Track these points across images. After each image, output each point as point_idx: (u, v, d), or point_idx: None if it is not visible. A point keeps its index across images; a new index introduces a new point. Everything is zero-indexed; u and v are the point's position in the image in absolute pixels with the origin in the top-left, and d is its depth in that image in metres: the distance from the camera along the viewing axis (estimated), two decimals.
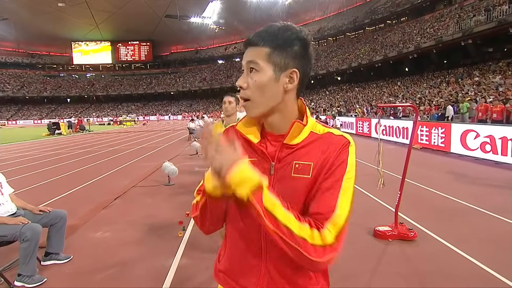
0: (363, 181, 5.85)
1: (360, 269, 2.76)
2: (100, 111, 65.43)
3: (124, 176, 7.07)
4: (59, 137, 20.69)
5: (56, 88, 67.52)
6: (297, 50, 0.81)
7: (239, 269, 0.90)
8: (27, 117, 61.59)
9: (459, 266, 2.78)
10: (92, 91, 68.64)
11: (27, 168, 8.60)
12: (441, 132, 9.37)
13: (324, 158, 0.83)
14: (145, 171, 7.52)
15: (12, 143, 16.89)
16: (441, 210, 4.25)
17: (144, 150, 12.18)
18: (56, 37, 67.85)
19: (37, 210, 2.95)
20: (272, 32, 0.81)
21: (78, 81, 71.65)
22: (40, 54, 72.83)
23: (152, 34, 70.25)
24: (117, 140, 17.45)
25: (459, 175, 6.32)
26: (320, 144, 0.84)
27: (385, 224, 3.53)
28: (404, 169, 3.43)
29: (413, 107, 3.62)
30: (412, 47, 27.30)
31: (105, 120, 50.06)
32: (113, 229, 3.86)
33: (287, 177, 0.82)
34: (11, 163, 9.45)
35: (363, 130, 15.50)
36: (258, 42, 0.82)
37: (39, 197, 5.24)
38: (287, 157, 0.84)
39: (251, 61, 0.82)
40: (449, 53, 24.85)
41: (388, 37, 36.15)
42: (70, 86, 68.92)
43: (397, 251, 3.08)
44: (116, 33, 71.03)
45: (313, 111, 30.17)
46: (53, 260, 2.98)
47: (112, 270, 2.84)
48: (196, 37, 70.15)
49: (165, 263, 2.94)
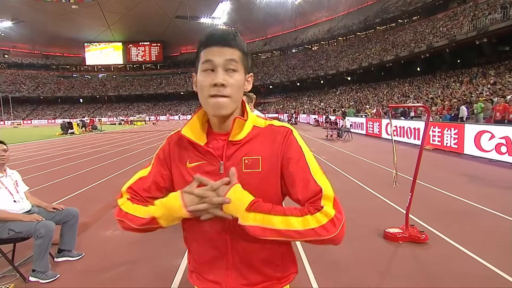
0: (372, 182, 5.79)
1: (369, 271, 2.72)
2: (112, 111, 66.52)
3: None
4: (72, 137, 21.12)
5: (69, 88, 69.05)
6: (249, 58, 0.90)
7: (208, 265, 0.93)
8: (42, 116, 63.13)
9: (472, 269, 2.71)
10: (104, 91, 69.90)
11: (41, 166, 8.80)
12: (454, 133, 9.18)
13: (274, 150, 0.87)
14: None
15: (26, 142, 17.32)
16: (453, 212, 4.16)
17: (154, 149, 12.28)
18: (69, 39, 69.45)
19: (51, 207, 3.01)
20: (238, 38, 0.86)
21: (90, 81, 73.14)
22: (54, 55, 74.73)
23: (163, 35, 71.10)
24: (127, 139, 17.71)
25: (472, 177, 6.18)
26: (265, 137, 0.89)
27: (395, 226, 3.48)
28: (416, 170, 3.37)
29: (424, 108, 3.56)
30: (424, 47, 26.85)
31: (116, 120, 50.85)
32: None
33: (239, 174, 0.84)
34: (26, 162, 9.69)
35: (374, 131, 15.31)
36: (232, 43, 0.84)
37: (52, 195, 5.36)
38: (235, 154, 0.87)
39: (232, 59, 0.83)
40: (463, 52, 24.34)
41: (399, 36, 35.65)
42: (82, 87, 70.37)
43: (408, 254, 3.03)
44: (127, 34, 72.16)
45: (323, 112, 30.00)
46: (65, 257, 3.04)
47: (121, 269, 2.88)
48: None
49: (174, 262, 2.96)
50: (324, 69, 46.40)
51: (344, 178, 6.41)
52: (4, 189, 2.79)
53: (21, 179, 3.06)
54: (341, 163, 7.93)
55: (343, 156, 9.36)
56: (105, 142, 16.45)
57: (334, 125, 16.80)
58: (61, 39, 68.56)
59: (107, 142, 16.11)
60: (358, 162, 8.27)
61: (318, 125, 24.54)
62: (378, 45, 38.79)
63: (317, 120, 26.31)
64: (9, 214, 2.72)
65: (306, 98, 47.12)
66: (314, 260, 2.93)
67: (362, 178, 6.22)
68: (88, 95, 68.62)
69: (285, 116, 34.21)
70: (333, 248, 3.19)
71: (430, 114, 3.70)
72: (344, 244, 3.25)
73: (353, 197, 5.00)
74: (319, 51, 55.16)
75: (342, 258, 2.97)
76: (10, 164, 3.53)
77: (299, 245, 3.25)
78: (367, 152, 9.92)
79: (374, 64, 35.09)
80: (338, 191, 4.52)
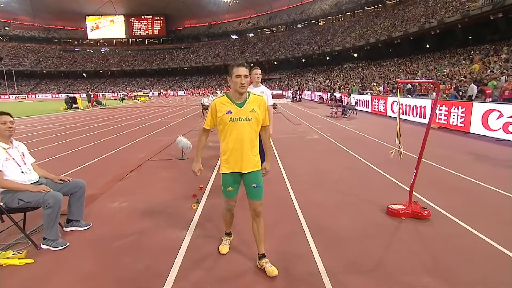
0: (377, 160, 5.77)
1: (371, 246, 2.75)
2: (115, 86, 66.06)
3: (139, 150, 7.20)
4: (76, 111, 21.13)
5: (72, 63, 68.24)
6: None
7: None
8: (46, 91, 62.96)
9: (475, 246, 2.73)
10: (107, 66, 69.09)
11: (47, 140, 8.86)
12: (461, 111, 9.02)
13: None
14: (159, 145, 7.63)
15: (32, 116, 17.37)
16: (458, 190, 4.15)
17: (159, 125, 12.30)
18: (70, 11, 67.68)
19: (58, 179, 3.04)
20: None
21: (93, 56, 72.08)
22: (56, 29, 73.14)
23: (166, 8, 69.00)
24: (132, 114, 17.67)
25: (478, 156, 6.12)
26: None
27: (398, 202, 3.49)
28: (422, 147, 3.32)
29: (435, 84, 3.45)
30: (435, 22, 25.87)
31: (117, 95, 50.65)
32: (129, 200, 3.97)
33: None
34: (32, 135, 9.76)
35: (379, 109, 15.10)
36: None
37: (59, 168, 5.42)
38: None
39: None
40: (476, 28, 23.38)
41: (409, 11, 34.31)
42: (85, 61, 69.49)
43: (410, 229, 3.05)
44: (129, 6, 70.14)
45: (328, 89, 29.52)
46: (74, 226, 3.11)
47: (129, 239, 2.95)
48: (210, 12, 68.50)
49: (179, 234, 3.02)
50: (330, 45, 45.19)
51: (348, 155, 6.38)
52: (12, 161, 2.80)
53: (27, 151, 3.07)
54: (346, 141, 7.87)
55: (347, 133, 9.29)
56: (109, 117, 16.44)
57: (339, 103, 16.56)
58: (61, 11, 66.78)
59: (112, 117, 16.11)
60: (362, 139, 8.21)
61: (323, 102, 24.24)
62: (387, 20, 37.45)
63: (322, 97, 25.95)
64: (18, 184, 2.76)
65: (311, 75, 46.27)
66: (318, 235, 2.97)
67: (366, 155, 6.19)
68: (91, 70, 67.90)
69: (289, 92, 33.70)
70: (336, 223, 3.22)
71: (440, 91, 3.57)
72: (347, 219, 3.28)
73: (357, 175, 4.99)
74: (325, 27, 53.45)
75: (345, 233, 3.00)
76: (17, 137, 3.54)
77: (303, 223, 3.29)
78: (372, 129, 9.82)
79: (382, 40, 34.04)
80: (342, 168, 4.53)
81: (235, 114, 2.26)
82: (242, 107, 2.28)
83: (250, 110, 2.28)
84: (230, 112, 2.26)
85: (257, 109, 2.31)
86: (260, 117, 2.34)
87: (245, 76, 2.23)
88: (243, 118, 2.26)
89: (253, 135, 2.31)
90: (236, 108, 2.27)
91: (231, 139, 2.28)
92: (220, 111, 2.28)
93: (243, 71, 2.22)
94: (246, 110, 2.28)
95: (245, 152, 2.28)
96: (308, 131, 9.85)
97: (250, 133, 2.29)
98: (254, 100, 2.34)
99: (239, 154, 2.29)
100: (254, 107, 2.30)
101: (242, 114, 2.27)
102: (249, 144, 2.29)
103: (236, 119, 2.26)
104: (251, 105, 2.30)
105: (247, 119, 2.27)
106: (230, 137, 2.28)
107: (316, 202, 3.80)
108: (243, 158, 2.29)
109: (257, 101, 2.34)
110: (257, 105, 2.33)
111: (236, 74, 2.22)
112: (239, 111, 2.27)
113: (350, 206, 3.67)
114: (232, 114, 2.26)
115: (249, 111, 2.28)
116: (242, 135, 2.26)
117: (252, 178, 2.34)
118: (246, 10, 66.71)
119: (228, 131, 2.28)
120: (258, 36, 66.32)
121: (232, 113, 2.26)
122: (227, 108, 2.27)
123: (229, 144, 2.29)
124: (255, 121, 2.30)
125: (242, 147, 2.27)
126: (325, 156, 6.31)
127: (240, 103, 2.29)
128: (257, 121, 2.31)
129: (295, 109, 19.37)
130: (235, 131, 2.26)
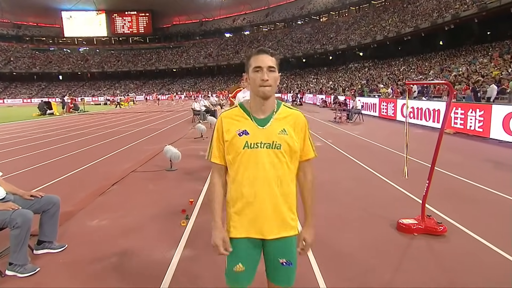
0: (384, 169, 5.79)
1: (380, 264, 2.75)
2: (95, 89, 66.05)
3: (123, 160, 7.18)
4: (51, 118, 21.08)
5: (46, 63, 68.14)
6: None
7: None
8: (15, 95, 62.74)
9: (496, 265, 2.74)
10: (86, 67, 69.15)
11: (17, 150, 8.81)
12: (479, 115, 9.12)
13: None
14: (145, 155, 7.61)
15: (0, 123, 17.29)
16: (476, 202, 4.17)
17: (145, 132, 12.29)
18: (44, 6, 67.72)
19: (28, 195, 3.00)
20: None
21: (70, 56, 72.11)
22: (27, 25, 73.05)
23: (152, 3, 69.57)
24: (115, 121, 17.66)
25: (498, 164, 6.18)
26: None
27: (410, 216, 3.50)
28: (434, 155, 3.35)
29: (447, 85, 3.51)
30: (449, 17, 26.25)
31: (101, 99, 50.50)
32: (110, 217, 3.94)
33: None
34: (0, 145, 9.69)
35: (387, 113, 15.23)
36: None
37: (31, 182, 5.38)
38: None
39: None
40: (494, 23, 23.66)
41: (420, 5, 34.87)
42: (61, 62, 69.47)
43: (424, 247, 3.05)
44: (112, 1, 70.62)
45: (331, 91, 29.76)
46: (46, 249, 3.07)
47: (110, 260, 2.92)
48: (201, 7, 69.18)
49: (166, 254, 2.99)
50: (333, 43, 45.70)
51: (353, 164, 6.41)
52: None
53: None
54: (351, 148, 7.91)
55: (352, 140, 9.34)
56: (89, 124, 16.41)
57: (343, 106, 16.69)
58: (34, 5, 66.76)
59: (91, 124, 16.07)
60: (369, 146, 8.26)
61: (326, 106, 24.39)
62: (396, 15, 38.04)
63: (325, 100, 26.13)
64: None
65: (313, 76, 46.67)
66: (319, 253, 2.96)
67: (373, 164, 6.22)
68: (68, 72, 67.88)
69: (289, 96, 33.94)
70: (341, 239, 3.21)
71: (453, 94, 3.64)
72: (352, 235, 3.28)
73: (363, 185, 5.01)
74: (328, 23, 54.18)
75: (350, 251, 2.99)
76: None
77: None
78: (380, 135, 9.89)
79: (390, 37, 34.49)
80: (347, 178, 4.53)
81: (253, 137, 1.49)
82: (266, 125, 1.51)
83: (278, 131, 1.50)
84: (246, 134, 1.50)
85: (290, 131, 1.52)
86: (296, 144, 1.53)
87: (270, 69, 1.48)
88: (266, 144, 1.49)
89: (283, 173, 1.51)
90: (256, 127, 1.50)
91: (246, 179, 1.50)
92: (229, 131, 1.52)
93: (266, 61, 1.48)
94: (273, 131, 1.50)
95: (270, 203, 1.49)
96: None
97: (279, 170, 1.50)
98: (287, 115, 1.56)
99: (259, 206, 1.50)
100: (286, 127, 1.51)
101: (265, 137, 1.49)
102: (276, 188, 1.50)
103: (255, 145, 1.48)
104: (280, 123, 1.52)
105: (273, 146, 1.49)
106: (245, 175, 1.50)
107: (318, 216, 3.77)
108: (266, 213, 1.50)
109: (292, 118, 1.55)
110: (291, 123, 1.53)
111: (255, 66, 1.48)
112: (259, 132, 1.50)
113: (355, 221, 3.68)
114: (248, 136, 1.49)
115: (277, 132, 1.50)
116: (265, 172, 1.48)
117: (280, 249, 1.55)
118: (241, 6, 67.50)
119: (242, 165, 1.50)
120: (254, 34, 66.97)
121: (248, 135, 1.49)
122: (241, 127, 1.51)
123: (243, 187, 1.51)
124: (287, 149, 1.50)
125: (264, 193, 1.49)
126: (327, 166, 6.33)
127: (263, 119, 1.52)
128: (290, 150, 1.51)
129: None
130: (253, 165, 1.49)
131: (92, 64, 70.05)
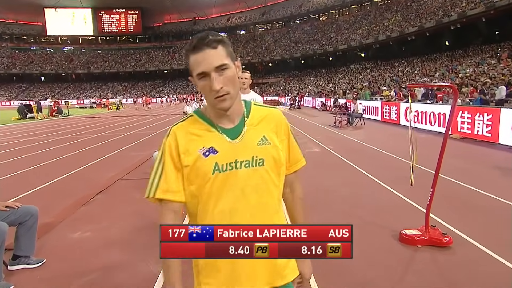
0: (387, 176, 5.81)
1: (381, 278, 2.74)
2: (81, 91, 65.87)
3: (109, 168, 7.14)
4: (32, 122, 20.97)
5: (27, 64, 67.86)
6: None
7: None
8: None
9: (504, 278, 2.73)
10: (71, 68, 69.03)
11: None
12: (487, 119, 9.18)
13: None
14: (133, 162, 7.57)
15: None
16: (484, 212, 4.19)
17: (133, 137, 12.25)
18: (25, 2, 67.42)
19: (3, 206, 2.96)
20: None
21: (53, 55, 71.92)
22: (6, 23, 72.35)
23: (142, 0, 69.82)
24: (101, 126, 17.60)
25: (508, 171, 6.21)
26: None
27: (413, 227, 3.50)
28: (439, 162, 3.36)
29: (451, 87, 3.54)
30: (455, 15, 26.57)
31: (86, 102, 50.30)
32: (94, 229, 3.90)
33: None
34: None
35: (390, 117, 15.32)
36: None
37: (9, 191, 5.33)
38: None
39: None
40: (503, 22, 23.93)
41: (425, 3, 35.31)
42: (43, 62, 69.24)
43: (428, 259, 3.05)
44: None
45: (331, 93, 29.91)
46: (22, 264, 3.02)
47: (92, 276, 2.88)
48: (194, 5, 69.52)
49: (153, 269, 2.96)
50: (333, 43, 46.07)
51: (354, 170, 6.42)
52: None
53: None
54: (351, 154, 7.93)
55: (353, 145, 9.38)
56: (73, 129, 16.34)
57: (344, 110, 16.77)
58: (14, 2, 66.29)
59: (76, 129, 16.01)
60: (371, 152, 8.28)
61: (326, 110, 24.53)
62: (399, 14, 38.47)
63: (324, 104, 26.28)
64: None
65: (312, 78, 46.93)
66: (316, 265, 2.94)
67: (375, 171, 6.23)
68: (52, 72, 67.68)
69: (287, 99, 34.05)
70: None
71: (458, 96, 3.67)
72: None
73: (364, 193, 5.01)
74: (328, 22, 54.66)
75: (348, 263, 2.97)
76: None
77: None
78: (382, 141, 9.93)
79: (393, 37, 34.85)
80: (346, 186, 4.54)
81: (225, 156, 1.09)
82: (239, 136, 1.13)
83: (257, 141, 1.13)
84: (213, 152, 1.09)
85: (272, 137, 1.16)
86: (282, 154, 1.17)
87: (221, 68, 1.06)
88: (244, 162, 1.10)
89: (270, 198, 1.14)
90: (225, 141, 1.11)
91: (219, 215, 1.09)
92: (188, 152, 1.10)
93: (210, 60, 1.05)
94: (249, 143, 1.12)
95: None
96: (307, 143, 9.91)
97: (264, 196, 1.12)
98: (262, 117, 1.20)
99: None
100: (266, 134, 1.16)
101: (240, 152, 1.10)
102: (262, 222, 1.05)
103: (229, 165, 1.09)
104: (257, 130, 1.16)
105: (253, 164, 1.10)
106: (216, 209, 1.09)
107: None
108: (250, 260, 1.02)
109: (270, 119, 1.20)
110: (271, 127, 1.19)
111: (198, 72, 1.07)
112: (232, 147, 1.11)
113: (354, 230, 3.63)
114: (217, 155, 1.09)
115: (255, 143, 1.13)
116: (246, 201, 1.09)
117: None
118: (236, 4, 67.96)
119: (212, 196, 1.09)
120: (250, 33, 67.37)
121: (217, 154, 1.09)
122: (205, 143, 1.11)
123: None
124: (272, 165, 1.13)
125: None
126: (326, 172, 6.34)
127: (233, 129, 1.14)
128: (275, 163, 1.14)
129: (293, 118, 19.52)
130: (229, 194, 1.09)
131: (77, 64, 69.94)
